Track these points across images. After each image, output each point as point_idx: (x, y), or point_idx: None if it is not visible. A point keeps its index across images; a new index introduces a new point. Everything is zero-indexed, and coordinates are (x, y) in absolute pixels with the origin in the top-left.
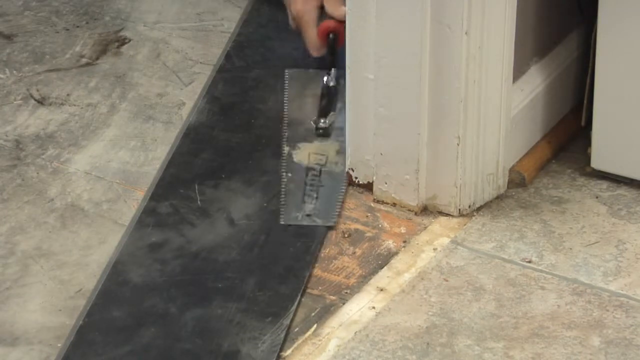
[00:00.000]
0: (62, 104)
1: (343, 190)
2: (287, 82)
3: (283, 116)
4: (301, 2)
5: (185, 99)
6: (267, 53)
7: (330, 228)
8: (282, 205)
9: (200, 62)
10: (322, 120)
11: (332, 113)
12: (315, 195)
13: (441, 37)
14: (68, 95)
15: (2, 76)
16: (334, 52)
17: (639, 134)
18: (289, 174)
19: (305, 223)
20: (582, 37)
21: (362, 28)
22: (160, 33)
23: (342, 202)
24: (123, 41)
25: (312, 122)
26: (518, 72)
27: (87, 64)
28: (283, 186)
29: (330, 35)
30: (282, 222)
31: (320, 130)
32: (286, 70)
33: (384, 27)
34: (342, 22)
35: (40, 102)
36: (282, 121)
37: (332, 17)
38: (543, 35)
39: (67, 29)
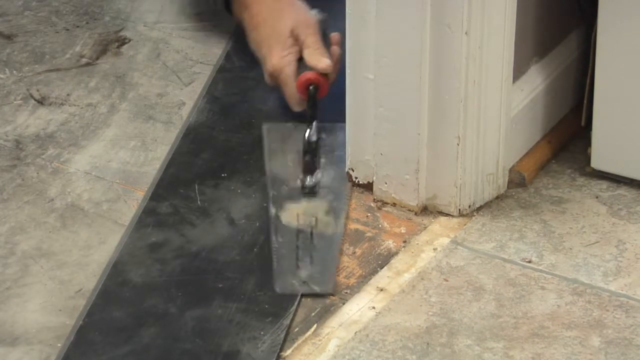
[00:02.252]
0: (62, 104)
1: (337, 254)
2: (265, 136)
3: (265, 175)
4: (277, 57)
5: (185, 99)
6: None
7: (328, 296)
8: (276, 272)
9: (201, 62)
10: (308, 179)
11: (317, 171)
12: (309, 261)
13: (441, 37)
14: (68, 95)
15: (2, 76)
16: (314, 105)
17: (639, 134)
18: (279, 239)
19: (302, 291)
20: (582, 37)
21: (362, 28)
22: (160, 33)
23: (337, 267)
24: (123, 41)
25: (298, 181)
26: (518, 72)
27: (87, 64)
28: (274, 252)
29: (310, 88)
30: (278, 291)
31: (307, 190)
32: (263, 125)
33: (384, 27)
34: (323, 74)
35: (40, 102)
36: (266, 180)
37: (311, 69)
38: (543, 35)
39: (67, 29)
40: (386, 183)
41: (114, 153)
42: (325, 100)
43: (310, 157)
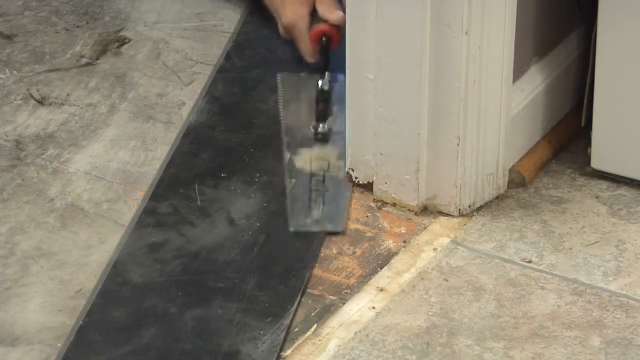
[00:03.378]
0: (62, 104)
1: (348, 195)
2: (280, 86)
3: (280, 121)
4: (291, 11)
5: (185, 99)
6: (267, 53)
7: (339, 233)
8: (290, 211)
9: (201, 62)
10: (320, 126)
11: (330, 118)
12: (321, 201)
13: (441, 37)
14: (68, 95)
15: (2, 76)
16: (327, 56)
17: (639, 134)
18: (293, 180)
19: (314, 229)
20: (582, 37)
21: (362, 28)
22: (160, 33)
23: (349, 206)
24: (123, 41)
25: (311, 128)
26: (518, 72)
27: (87, 64)
28: (288, 192)
29: (323, 39)
30: (292, 229)
31: (320, 136)
32: (278, 75)
33: (384, 27)
34: (335, 26)
35: (40, 102)
36: (280, 126)
37: (324, 21)
38: (543, 35)
39: (67, 29)
40: (386, 183)
41: (114, 153)
42: (337, 53)
43: (323, 105)
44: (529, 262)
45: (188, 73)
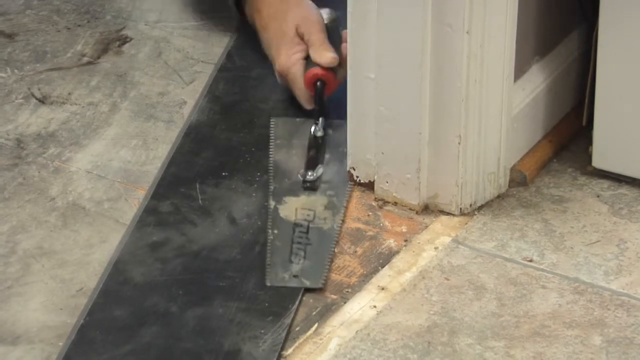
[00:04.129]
0: (63, 102)
1: (333, 249)
2: (272, 130)
3: (268, 168)
4: (285, 56)
5: (186, 97)
6: None
7: (317, 290)
8: (268, 265)
9: (202, 61)
10: (309, 173)
11: (319, 166)
12: (302, 255)
13: (442, 37)
14: (69, 94)
15: (3, 75)
16: (321, 101)
17: None
18: (275, 231)
19: (291, 285)
20: (583, 36)
21: (363, 27)
22: (161, 32)
23: (331, 262)
24: (124, 40)
25: (299, 175)
26: (519, 71)
27: (89, 63)
28: (269, 244)
29: (318, 83)
30: (268, 284)
31: (308, 184)
32: (271, 119)
33: (385, 27)
34: (329, 70)
35: (42, 101)
36: (268, 173)
37: (318, 65)
38: (544, 34)
39: (69, 28)
40: (387, 182)
41: (115, 152)
42: (335, 98)
43: (315, 152)
44: (530, 261)
45: (189, 72)
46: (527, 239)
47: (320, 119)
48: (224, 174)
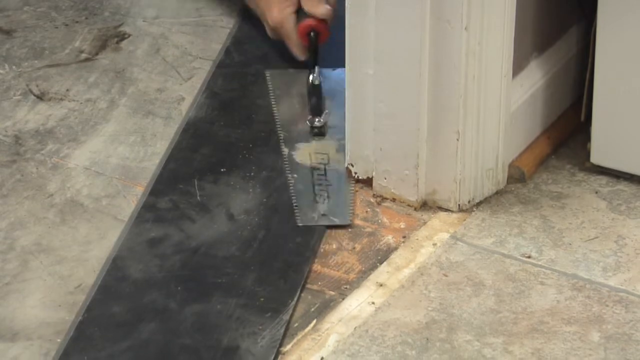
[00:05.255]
0: (61, 99)
1: (352, 187)
2: (269, 82)
3: (274, 117)
4: (277, 10)
5: (184, 94)
6: (266, 48)
7: (347, 226)
8: (296, 206)
9: (200, 58)
10: (316, 120)
11: (325, 111)
12: (326, 195)
13: (441, 33)
14: (67, 90)
15: (1, 71)
16: (316, 50)
17: (638, 129)
18: (295, 175)
19: (323, 223)
20: (582, 33)
21: (362, 23)
22: (159, 28)
23: (354, 198)
24: (122, 36)
25: (307, 122)
26: (518, 67)
27: (87, 59)
28: (292, 188)
29: (311, 34)
30: (300, 224)
31: (316, 130)
32: (266, 72)
33: (384, 23)
34: (322, 20)
35: (40, 97)
36: (275, 122)
37: (311, 16)
38: (543, 31)
39: (67, 24)
40: (386, 178)
41: (113, 148)
42: (325, 46)
43: (316, 99)
44: (529, 257)
45: (187, 68)
46: (526, 235)
47: (316, 67)
48: (222, 170)
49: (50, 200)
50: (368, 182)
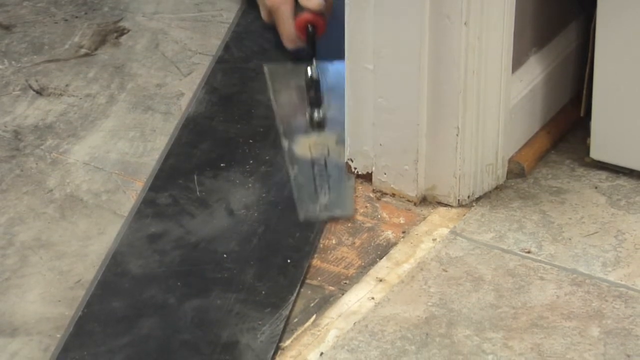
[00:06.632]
0: (60, 94)
1: (353, 179)
2: (267, 76)
3: (273, 111)
4: None
5: (184, 89)
6: (265, 44)
7: (349, 218)
8: (298, 200)
9: (199, 53)
10: (316, 112)
11: (323, 104)
12: (327, 187)
13: (440, 28)
14: (67, 85)
15: (0, 67)
16: (314, 43)
17: (638, 124)
18: (295, 167)
19: (324, 216)
20: (582, 28)
21: (361, 18)
22: (159, 23)
23: (354, 190)
24: (122, 32)
25: (306, 115)
26: (517, 62)
27: (86, 55)
28: (293, 181)
29: (309, 28)
30: (302, 218)
31: (316, 122)
32: (264, 65)
33: (383, 18)
34: (318, 14)
35: (39, 92)
36: (274, 116)
37: (307, 9)
38: (542, 26)
39: (66, 20)
40: (385, 173)
41: (112, 144)
42: (322, 40)
43: (315, 92)
44: (528, 252)
45: (187, 64)
46: (525, 231)
47: (314, 61)
48: (222, 165)
49: (50, 195)
50: (367, 178)
